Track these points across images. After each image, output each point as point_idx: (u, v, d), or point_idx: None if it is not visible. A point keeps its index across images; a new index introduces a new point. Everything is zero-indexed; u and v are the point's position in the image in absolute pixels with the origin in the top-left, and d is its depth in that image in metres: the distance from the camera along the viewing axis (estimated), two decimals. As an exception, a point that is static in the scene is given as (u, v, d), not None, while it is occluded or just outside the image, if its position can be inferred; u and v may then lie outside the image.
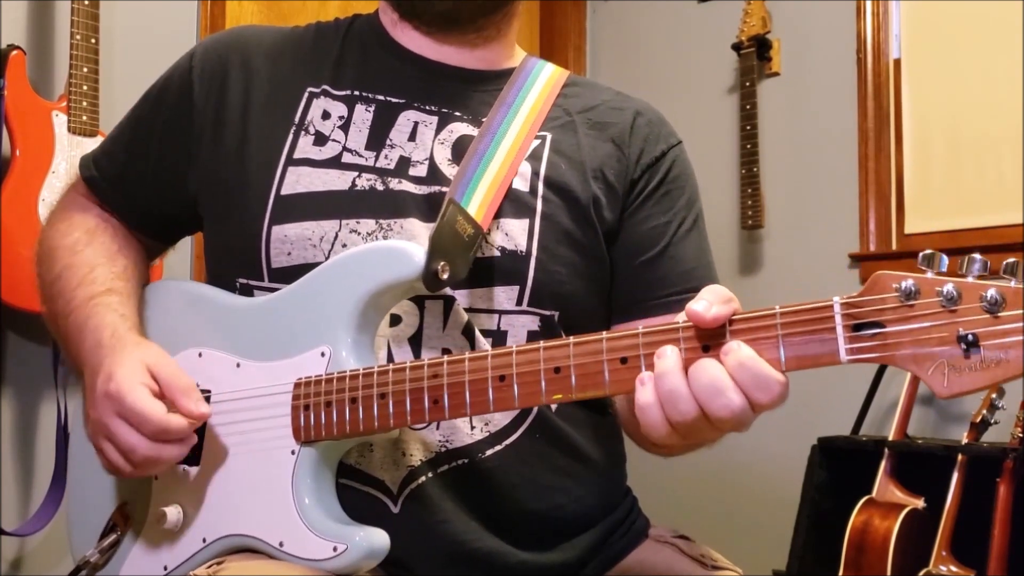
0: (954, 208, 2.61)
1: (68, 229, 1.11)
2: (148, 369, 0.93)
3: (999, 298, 0.64)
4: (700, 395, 0.75)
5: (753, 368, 0.74)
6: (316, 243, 0.98)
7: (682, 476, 2.81)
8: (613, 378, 0.78)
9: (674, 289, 1.05)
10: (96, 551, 1.00)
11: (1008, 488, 2.09)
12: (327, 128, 1.03)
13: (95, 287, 1.03)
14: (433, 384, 0.85)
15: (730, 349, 0.75)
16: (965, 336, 0.66)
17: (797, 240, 2.87)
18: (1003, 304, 0.64)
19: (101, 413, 0.93)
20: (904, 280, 0.68)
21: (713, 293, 0.77)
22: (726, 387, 0.74)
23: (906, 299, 0.68)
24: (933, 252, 0.69)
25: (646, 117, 1.11)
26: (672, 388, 0.75)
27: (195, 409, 0.91)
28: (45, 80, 2.25)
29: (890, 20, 2.78)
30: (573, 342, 0.80)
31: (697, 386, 0.75)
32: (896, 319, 0.68)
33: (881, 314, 0.69)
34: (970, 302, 0.66)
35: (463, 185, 0.98)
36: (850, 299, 0.71)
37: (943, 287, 0.67)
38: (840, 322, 0.70)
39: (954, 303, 0.66)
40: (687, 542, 1.07)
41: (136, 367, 0.93)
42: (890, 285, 0.69)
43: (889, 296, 0.69)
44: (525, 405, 0.84)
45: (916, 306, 0.68)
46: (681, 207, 1.09)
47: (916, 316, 0.68)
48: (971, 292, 0.66)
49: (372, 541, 0.88)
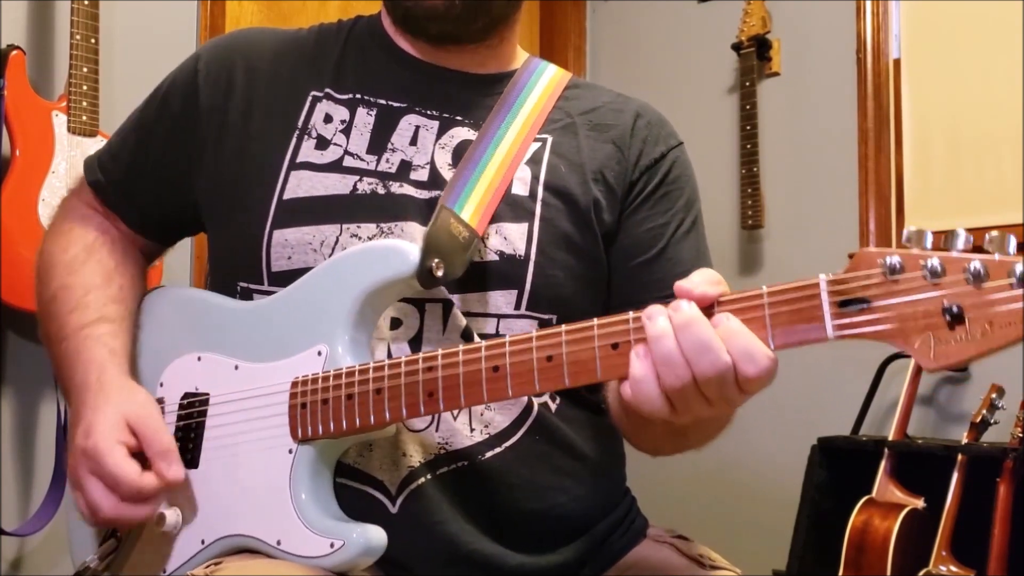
0: (954, 208, 2.61)
1: (67, 244, 1.11)
2: (128, 424, 0.94)
3: (982, 270, 0.65)
4: (689, 352, 0.74)
5: (742, 338, 0.73)
6: (317, 247, 0.98)
7: (681, 476, 2.81)
8: (604, 364, 0.79)
9: (671, 291, 1.04)
10: (96, 557, 1.00)
11: (1008, 488, 2.09)
12: (329, 132, 1.04)
13: (88, 314, 1.03)
14: (428, 377, 0.86)
15: (719, 321, 0.75)
16: (950, 308, 0.66)
17: (797, 240, 2.87)
18: (987, 276, 0.65)
19: (77, 466, 0.94)
20: (889, 255, 0.69)
21: (702, 275, 0.77)
22: (715, 346, 0.73)
23: (891, 274, 0.68)
24: (919, 229, 0.69)
25: (646, 118, 1.11)
26: (667, 351, 0.75)
27: (168, 474, 0.92)
28: (45, 80, 2.25)
29: (890, 20, 2.77)
30: (565, 330, 0.80)
31: (687, 344, 0.74)
32: (881, 294, 0.69)
33: (867, 290, 0.69)
34: (954, 275, 0.66)
35: (457, 191, 0.98)
36: (836, 276, 0.71)
37: (927, 261, 0.67)
38: (826, 299, 0.71)
39: (938, 276, 0.67)
40: (685, 542, 1.07)
41: (115, 423, 0.94)
42: (875, 261, 0.69)
43: (874, 272, 0.69)
44: (519, 395, 0.84)
45: (901, 280, 0.68)
46: (679, 208, 1.08)
47: (901, 290, 0.68)
48: (955, 265, 0.66)
49: (369, 538, 0.88)
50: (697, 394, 0.76)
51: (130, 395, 0.97)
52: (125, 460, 0.92)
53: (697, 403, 0.77)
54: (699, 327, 0.74)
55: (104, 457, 0.92)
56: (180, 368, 1.02)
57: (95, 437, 0.93)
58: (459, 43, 1.07)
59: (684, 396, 0.76)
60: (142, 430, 0.94)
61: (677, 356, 0.74)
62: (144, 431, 0.94)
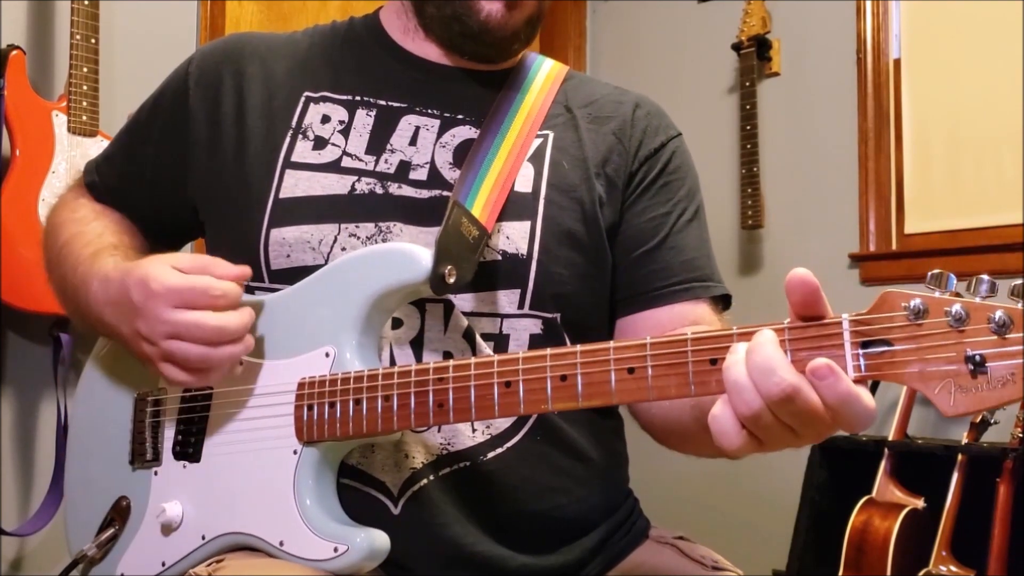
0: (954, 208, 2.61)
1: (76, 207, 1.13)
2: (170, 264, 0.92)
3: (1007, 320, 0.65)
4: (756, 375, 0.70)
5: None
6: (315, 246, 0.98)
7: (682, 477, 2.81)
8: (620, 387, 0.78)
9: (676, 279, 1.04)
10: (94, 545, 1.00)
11: (1008, 488, 2.09)
12: (327, 132, 1.04)
13: (103, 243, 1.04)
14: (438, 388, 0.85)
15: (751, 347, 0.72)
16: (973, 356, 0.66)
17: (797, 240, 2.87)
18: (1011, 326, 0.65)
19: (156, 314, 0.89)
20: (913, 299, 0.69)
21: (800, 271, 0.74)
22: (779, 366, 0.70)
23: (915, 318, 0.68)
24: (941, 272, 0.69)
25: (645, 109, 1.11)
26: (734, 377, 0.71)
27: (235, 268, 0.92)
28: (45, 80, 2.25)
29: (890, 20, 2.78)
30: (580, 350, 0.80)
31: (752, 367, 0.71)
32: (904, 337, 0.69)
33: (889, 332, 0.69)
34: (978, 323, 0.66)
35: (467, 187, 0.98)
36: (859, 316, 0.71)
37: (951, 307, 0.67)
38: (848, 339, 0.71)
39: (962, 323, 0.67)
40: (687, 543, 1.07)
41: (163, 266, 0.91)
42: (899, 304, 0.69)
43: (898, 314, 0.69)
44: (530, 412, 0.84)
45: (924, 325, 0.68)
46: (681, 198, 1.08)
47: (924, 335, 0.68)
48: (979, 313, 0.66)
49: (373, 542, 0.88)
50: (776, 423, 0.72)
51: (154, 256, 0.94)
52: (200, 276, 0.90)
53: (780, 432, 0.73)
54: (766, 348, 0.71)
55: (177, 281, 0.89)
56: None
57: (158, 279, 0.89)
58: (492, 62, 1.08)
59: (762, 426, 0.72)
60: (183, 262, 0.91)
61: (744, 381, 0.71)
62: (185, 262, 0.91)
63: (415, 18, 1.08)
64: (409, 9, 1.09)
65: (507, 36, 1.04)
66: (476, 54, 1.07)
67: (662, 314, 1.03)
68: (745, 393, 0.71)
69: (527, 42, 1.09)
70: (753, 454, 0.75)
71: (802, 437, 0.74)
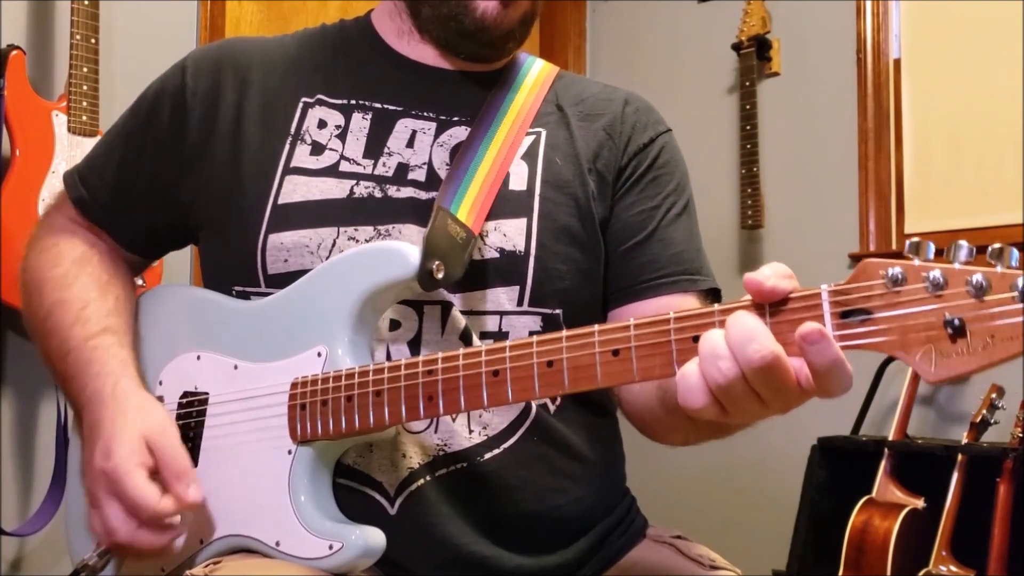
0: (954, 208, 2.61)
1: (55, 259, 1.08)
2: (147, 444, 0.92)
3: (985, 283, 0.65)
4: (734, 342, 0.70)
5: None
6: (314, 250, 0.98)
7: (681, 476, 2.81)
8: (605, 370, 0.78)
9: (664, 272, 1.05)
10: (94, 555, 1.00)
11: (1008, 488, 2.09)
12: (324, 137, 1.04)
13: (90, 327, 1.01)
14: (428, 381, 0.85)
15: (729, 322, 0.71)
16: (951, 321, 0.66)
17: (797, 240, 2.87)
18: (989, 289, 0.65)
19: (96, 486, 0.93)
20: (891, 267, 0.68)
21: (773, 268, 0.73)
22: (761, 334, 0.69)
23: (893, 285, 0.68)
24: (920, 240, 0.69)
25: (634, 105, 1.12)
26: (711, 342, 0.71)
27: (186, 497, 0.91)
28: (45, 80, 2.25)
29: (890, 20, 2.78)
30: (565, 335, 0.80)
31: (732, 333, 0.70)
32: (883, 305, 0.69)
33: (868, 300, 0.69)
34: (956, 287, 0.66)
35: (452, 191, 0.98)
36: (838, 286, 0.71)
37: (929, 273, 0.67)
38: (828, 309, 0.70)
39: (940, 288, 0.66)
40: (685, 542, 1.07)
41: (135, 444, 0.92)
42: (877, 272, 0.69)
43: (876, 283, 0.69)
44: (519, 400, 0.83)
45: (903, 292, 0.68)
46: (670, 192, 1.09)
47: (903, 302, 0.68)
48: (957, 277, 0.66)
49: (368, 540, 0.88)
50: (746, 392, 0.71)
51: (148, 413, 0.95)
52: (146, 484, 0.90)
53: (748, 403, 0.72)
54: (746, 318, 0.70)
55: (125, 480, 0.90)
56: (179, 366, 1.02)
57: (115, 460, 0.91)
58: (487, 62, 1.09)
59: (733, 395, 0.71)
60: (160, 451, 0.92)
61: (722, 348, 0.70)
62: (162, 453, 0.92)
63: (410, 20, 1.08)
64: (403, 11, 1.09)
65: (503, 34, 1.05)
66: (472, 54, 1.07)
67: (649, 306, 1.03)
68: (721, 361, 0.70)
69: (521, 41, 1.09)
70: (714, 420, 0.74)
71: (769, 407, 0.73)
